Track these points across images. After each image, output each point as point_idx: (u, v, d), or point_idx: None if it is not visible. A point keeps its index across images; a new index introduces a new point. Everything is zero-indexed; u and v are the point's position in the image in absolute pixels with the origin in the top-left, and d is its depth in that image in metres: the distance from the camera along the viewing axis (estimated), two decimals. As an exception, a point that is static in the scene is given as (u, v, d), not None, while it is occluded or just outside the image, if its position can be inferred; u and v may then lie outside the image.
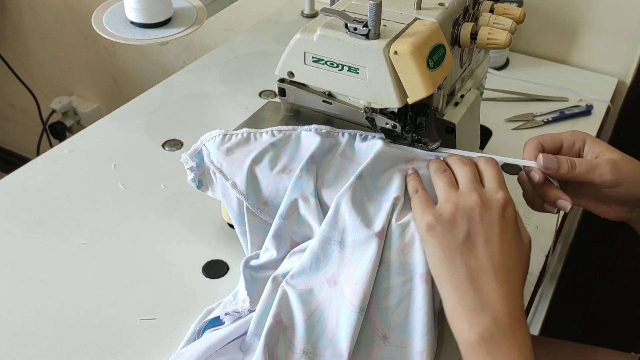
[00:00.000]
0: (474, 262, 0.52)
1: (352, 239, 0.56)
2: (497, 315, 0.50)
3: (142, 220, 0.74)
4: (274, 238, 0.61)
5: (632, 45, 1.07)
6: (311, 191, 0.60)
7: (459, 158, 0.59)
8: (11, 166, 0.88)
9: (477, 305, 0.51)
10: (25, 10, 1.80)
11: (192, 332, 0.59)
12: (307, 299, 0.57)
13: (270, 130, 0.65)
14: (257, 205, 0.62)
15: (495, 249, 0.53)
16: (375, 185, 0.60)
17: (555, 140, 0.61)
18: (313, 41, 0.60)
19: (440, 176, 0.58)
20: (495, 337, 0.50)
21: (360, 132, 0.65)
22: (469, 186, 0.55)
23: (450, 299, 0.52)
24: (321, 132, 0.64)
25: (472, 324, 0.50)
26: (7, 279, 0.67)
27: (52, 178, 0.80)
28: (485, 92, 0.89)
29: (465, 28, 0.64)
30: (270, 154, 0.63)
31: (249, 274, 0.61)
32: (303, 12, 1.24)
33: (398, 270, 0.56)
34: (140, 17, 0.85)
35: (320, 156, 0.62)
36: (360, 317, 0.55)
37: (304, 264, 0.58)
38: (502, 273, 0.52)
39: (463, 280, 0.52)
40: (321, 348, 0.56)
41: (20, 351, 0.60)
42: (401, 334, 0.56)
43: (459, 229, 0.53)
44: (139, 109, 0.95)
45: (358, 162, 0.62)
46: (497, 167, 0.59)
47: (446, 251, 0.53)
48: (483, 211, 0.54)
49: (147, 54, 1.64)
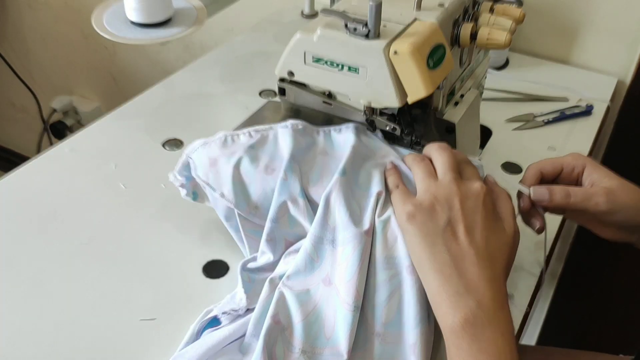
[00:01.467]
0: (455, 247, 0.52)
1: (342, 237, 0.57)
2: (481, 299, 0.50)
3: (142, 220, 0.74)
4: (267, 242, 0.62)
5: (632, 45, 1.07)
6: (298, 192, 0.60)
7: (436, 144, 0.60)
8: (11, 165, 0.88)
9: (460, 289, 0.51)
10: (26, 10, 1.80)
11: (191, 333, 0.59)
12: (303, 299, 0.57)
13: (247, 131, 0.65)
14: (249, 210, 0.62)
15: (477, 235, 0.53)
16: (357, 182, 0.60)
17: (556, 166, 0.62)
18: (313, 41, 0.60)
19: (419, 165, 0.58)
20: (479, 321, 0.50)
21: (335, 127, 0.66)
22: (449, 176, 0.56)
23: (433, 284, 0.52)
24: (297, 128, 0.64)
25: (456, 308, 0.51)
26: (7, 279, 0.67)
27: (52, 177, 0.80)
28: (486, 92, 0.90)
29: (465, 28, 0.64)
30: (250, 156, 0.63)
31: (246, 275, 0.62)
32: (303, 12, 1.24)
33: (384, 265, 0.56)
34: (140, 17, 0.85)
35: (300, 155, 0.62)
36: (355, 315, 0.55)
37: (298, 265, 0.59)
38: (484, 258, 0.52)
39: (446, 264, 0.52)
40: (319, 347, 0.56)
41: (20, 351, 0.60)
42: (394, 330, 0.56)
43: (439, 216, 0.53)
44: (140, 109, 0.95)
45: (339, 157, 0.62)
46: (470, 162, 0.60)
47: (427, 238, 0.53)
48: (463, 200, 0.54)
49: (148, 53, 1.64)
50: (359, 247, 0.55)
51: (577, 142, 0.93)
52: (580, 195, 0.59)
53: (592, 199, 0.58)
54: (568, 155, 0.63)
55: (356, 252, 0.55)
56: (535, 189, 0.60)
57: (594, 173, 0.61)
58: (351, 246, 0.56)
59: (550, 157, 0.63)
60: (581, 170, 0.62)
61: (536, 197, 0.60)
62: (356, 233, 0.56)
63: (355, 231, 0.56)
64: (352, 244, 0.55)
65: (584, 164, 0.62)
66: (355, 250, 0.55)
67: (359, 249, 0.55)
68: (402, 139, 0.65)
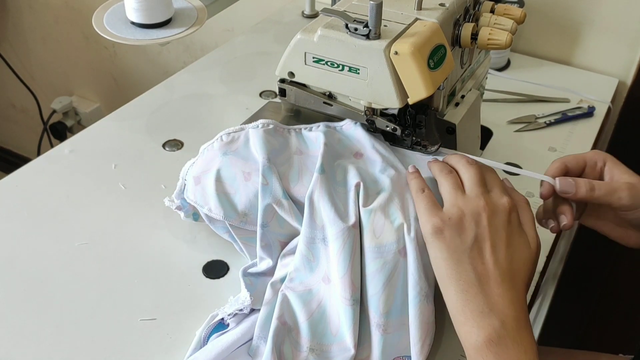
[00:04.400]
0: (481, 267, 0.52)
1: (330, 233, 0.57)
2: (504, 319, 0.51)
3: (142, 220, 0.74)
4: (263, 248, 0.62)
5: (633, 45, 1.07)
6: (281, 194, 0.60)
7: (463, 158, 0.60)
8: (12, 166, 0.88)
9: (485, 309, 0.51)
10: (26, 11, 1.80)
11: (198, 339, 0.59)
12: (307, 298, 0.58)
13: (220, 136, 0.65)
14: (239, 219, 0.62)
15: (502, 254, 0.53)
16: (335, 179, 0.61)
17: (579, 161, 0.62)
18: (314, 41, 0.60)
19: (447, 177, 0.58)
20: (503, 341, 0.50)
21: (304, 126, 0.66)
22: (476, 190, 0.56)
23: (457, 303, 0.52)
24: (268, 128, 0.64)
25: (480, 327, 0.51)
26: (7, 279, 0.67)
27: (52, 178, 0.80)
28: (487, 93, 0.90)
29: (466, 28, 0.64)
30: (225, 164, 0.63)
31: (248, 280, 0.62)
32: (304, 12, 1.24)
33: (374, 254, 0.56)
34: (140, 18, 0.84)
35: (275, 157, 0.62)
36: (355, 308, 0.55)
37: (297, 267, 0.59)
38: (508, 279, 0.52)
39: (471, 283, 0.52)
40: (327, 344, 0.56)
41: (20, 351, 0.60)
42: (395, 318, 0.56)
43: (467, 233, 0.53)
44: (140, 109, 0.95)
45: (314, 155, 0.62)
46: (495, 173, 0.60)
47: (454, 255, 0.53)
48: (490, 216, 0.54)
49: (148, 54, 1.64)
50: (349, 241, 0.56)
51: (577, 143, 0.93)
52: (605, 188, 0.59)
53: (616, 193, 0.58)
54: (589, 152, 0.63)
55: (346, 247, 0.56)
56: (562, 180, 0.60)
57: (614, 169, 0.61)
58: (340, 241, 0.56)
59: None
60: (603, 166, 0.62)
61: (562, 188, 0.59)
62: (343, 228, 0.56)
63: (342, 226, 0.56)
64: (341, 239, 0.56)
65: (604, 159, 0.62)
66: (345, 245, 0.56)
67: (348, 243, 0.56)
68: (403, 140, 0.65)
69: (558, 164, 0.62)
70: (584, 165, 0.62)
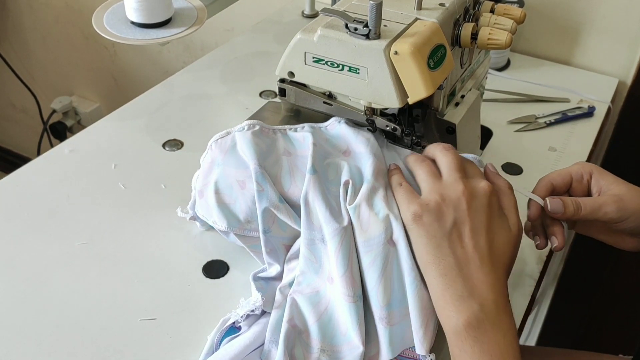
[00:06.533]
0: (460, 251, 0.53)
1: (327, 232, 0.57)
2: (484, 303, 0.51)
3: (142, 220, 0.74)
4: (269, 254, 0.63)
5: (633, 45, 1.07)
6: (278, 198, 0.60)
7: (439, 145, 0.60)
8: (12, 166, 0.88)
9: (464, 293, 0.51)
10: (26, 11, 1.80)
11: (210, 344, 0.59)
12: (315, 300, 0.58)
13: (209, 144, 0.65)
14: (243, 227, 0.63)
15: (482, 238, 0.53)
16: (327, 179, 0.61)
17: (564, 177, 0.62)
18: (313, 41, 0.60)
19: (421, 165, 0.58)
20: (482, 324, 0.50)
21: (289, 127, 0.66)
22: (454, 175, 0.56)
23: (438, 287, 0.53)
24: (254, 129, 0.64)
25: (459, 311, 0.51)
26: (7, 279, 0.67)
27: (52, 178, 0.80)
28: (487, 93, 0.90)
29: (466, 28, 0.64)
30: (221, 175, 0.63)
31: (259, 284, 0.63)
32: (303, 12, 1.24)
33: (365, 249, 0.56)
34: (140, 17, 0.84)
35: (264, 159, 0.62)
36: (359, 305, 0.56)
37: (303, 270, 0.60)
38: (488, 262, 0.53)
39: (450, 268, 0.52)
40: (338, 345, 0.57)
41: (20, 351, 0.60)
42: (396, 309, 0.56)
43: (445, 218, 0.53)
44: (140, 109, 0.95)
45: (302, 155, 0.62)
46: (475, 165, 0.60)
47: (433, 240, 0.53)
48: (469, 200, 0.54)
49: (148, 54, 1.64)
50: (345, 239, 0.56)
51: (577, 143, 0.93)
52: (590, 206, 0.59)
53: (601, 209, 0.58)
54: (574, 164, 0.63)
55: (344, 245, 0.56)
56: (551, 200, 0.60)
57: (601, 180, 0.61)
58: (337, 240, 0.56)
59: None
60: (589, 178, 0.61)
61: (552, 208, 0.59)
62: (338, 227, 0.56)
63: (336, 225, 0.56)
64: (338, 237, 0.56)
65: (590, 171, 0.61)
66: (342, 243, 0.56)
67: (345, 240, 0.56)
68: (403, 140, 0.65)
69: (545, 182, 0.62)
70: (570, 180, 0.62)
